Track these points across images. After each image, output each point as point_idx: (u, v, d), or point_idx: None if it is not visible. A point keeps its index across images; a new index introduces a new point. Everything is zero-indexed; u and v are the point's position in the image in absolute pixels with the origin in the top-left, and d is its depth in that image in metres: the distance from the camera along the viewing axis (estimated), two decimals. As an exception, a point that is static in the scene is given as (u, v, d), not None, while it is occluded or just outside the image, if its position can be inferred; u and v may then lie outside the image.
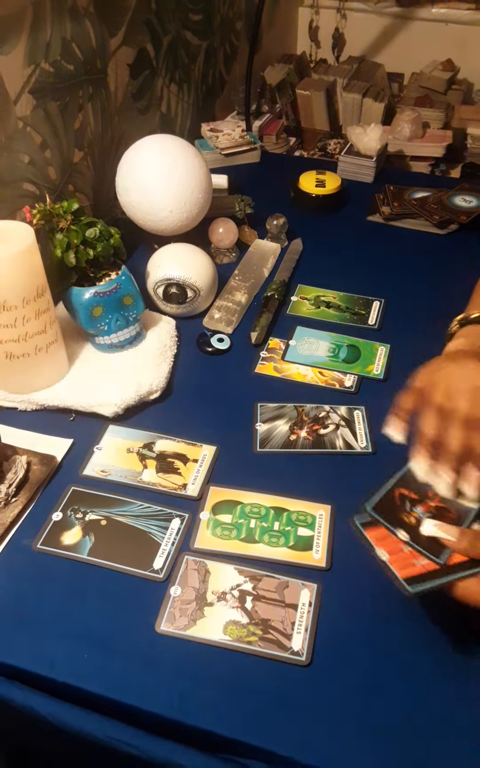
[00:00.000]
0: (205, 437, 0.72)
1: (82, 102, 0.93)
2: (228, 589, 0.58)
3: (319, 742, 0.50)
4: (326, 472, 0.69)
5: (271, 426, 0.74)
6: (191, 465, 0.69)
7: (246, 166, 1.23)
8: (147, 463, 0.69)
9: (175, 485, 0.67)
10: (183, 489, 0.67)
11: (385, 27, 1.62)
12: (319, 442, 0.72)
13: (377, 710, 0.51)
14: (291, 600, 0.58)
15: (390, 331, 0.86)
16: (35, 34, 0.80)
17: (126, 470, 0.69)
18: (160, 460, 0.70)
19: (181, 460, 0.70)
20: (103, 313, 0.76)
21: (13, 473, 0.66)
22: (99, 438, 0.72)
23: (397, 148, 1.33)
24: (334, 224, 1.08)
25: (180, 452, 0.70)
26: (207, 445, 0.71)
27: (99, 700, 0.52)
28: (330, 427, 0.73)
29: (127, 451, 0.71)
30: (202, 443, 0.71)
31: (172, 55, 1.15)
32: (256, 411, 0.75)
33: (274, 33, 1.59)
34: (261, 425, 0.74)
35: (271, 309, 0.87)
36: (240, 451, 0.71)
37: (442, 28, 1.57)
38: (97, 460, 0.70)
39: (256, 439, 0.72)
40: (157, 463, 0.69)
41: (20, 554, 0.61)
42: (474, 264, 0.90)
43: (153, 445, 0.71)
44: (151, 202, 0.86)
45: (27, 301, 0.66)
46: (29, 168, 0.86)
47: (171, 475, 0.68)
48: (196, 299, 0.85)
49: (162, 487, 0.67)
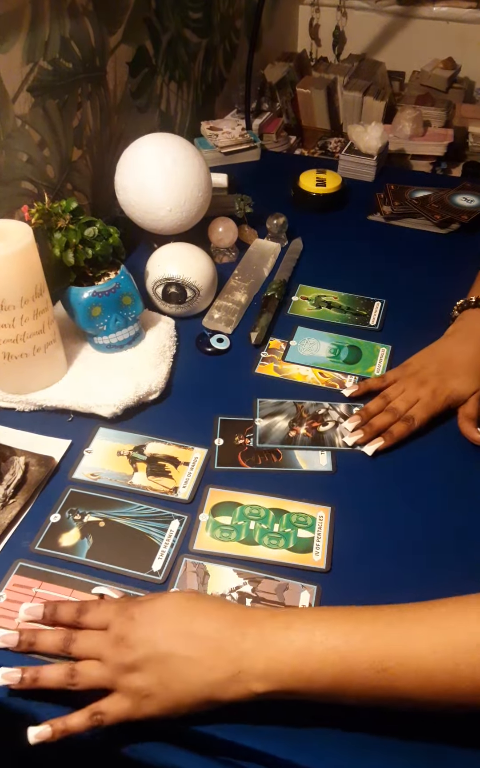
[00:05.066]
0: (204, 438, 0.71)
1: (80, 100, 0.93)
2: (227, 591, 0.58)
3: (319, 745, 0.49)
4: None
5: (270, 422, 0.73)
6: (182, 468, 0.69)
7: (246, 164, 1.23)
8: (137, 466, 0.69)
9: (166, 488, 0.67)
10: (174, 492, 0.66)
11: (386, 25, 1.61)
12: (319, 439, 0.71)
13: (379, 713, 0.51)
14: (291, 602, 0.57)
15: (391, 332, 0.85)
16: (34, 32, 0.80)
17: (116, 473, 0.68)
18: (150, 463, 0.69)
19: (172, 463, 0.69)
20: (101, 312, 0.75)
21: (10, 474, 0.65)
22: (89, 441, 0.71)
23: (398, 146, 1.33)
24: (335, 223, 1.07)
25: (171, 455, 0.70)
26: (198, 448, 0.70)
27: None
28: (329, 425, 0.73)
29: (117, 454, 0.70)
30: (194, 446, 0.71)
31: (171, 53, 1.14)
32: (255, 406, 0.75)
33: (275, 31, 1.58)
34: (260, 421, 0.73)
35: (271, 309, 0.86)
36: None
37: (443, 26, 1.56)
38: (87, 463, 0.69)
39: (256, 434, 0.72)
40: (148, 466, 0.69)
41: (18, 556, 0.61)
42: (475, 264, 0.89)
43: (144, 447, 0.71)
44: (150, 200, 0.86)
45: (25, 300, 0.66)
46: (27, 166, 0.86)
47: (162, 478, 0.68)
48: (196, 299, 0.84)
49: (153, 491, 0.67)
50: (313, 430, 0.72)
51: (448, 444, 0.71)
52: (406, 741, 0.50)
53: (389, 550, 0.61)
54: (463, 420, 0.71)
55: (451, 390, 0.71)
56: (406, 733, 0.50)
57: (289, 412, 0.74)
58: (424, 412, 0.70)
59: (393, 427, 0.70)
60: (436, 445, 0.70)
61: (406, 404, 0.71)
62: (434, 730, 0.50)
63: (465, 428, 0.70)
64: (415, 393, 0.71)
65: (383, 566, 0.60)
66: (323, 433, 0.72)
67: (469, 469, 0.68)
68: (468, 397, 0.72)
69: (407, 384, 0.72)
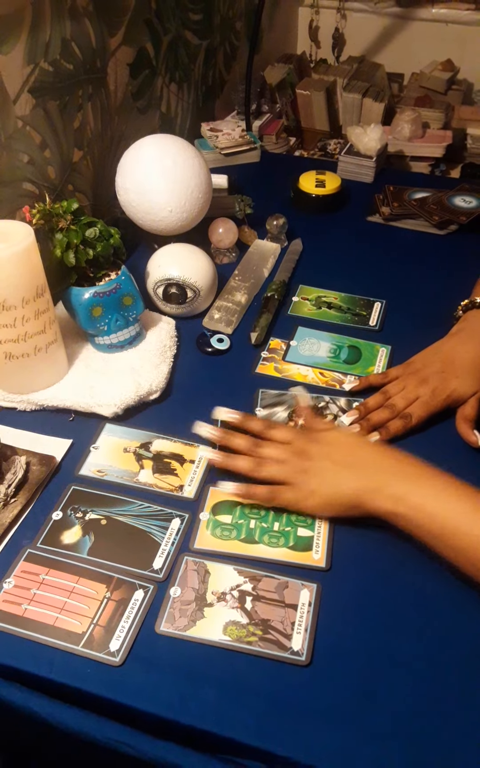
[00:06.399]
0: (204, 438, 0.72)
1: (81, 101, 0.93)
2: (228, 589, 0.58)
3: (319, 743, 0.50)
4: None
5: (270, 412, 0.74)
6: (188, 466, 0.69)
7: (246, 165, 1.23)
8: (143, 464, 0.69)
9: (172, 486, 0.67)
10: (179, 490, 0.67)
11: (385, 27, 1.62)
12: None
13: (377, 710, 0.51)
14: (291, 600, 0.58)
15: (390, 333, 0.86)
16: (35, 34, 0.80)
17: (122, 470, 0.68)
18: (156, 461, 0.69)
19: (178, 461, 0.69)
20: (102, 313, 0.75)
21: (12, 473, 0.65)
22: (96, 437, 0.72)
23: (397, 148, 1.33)
24: (334, 224, 1.08)
25: (177, 453, 0.70)
26: (204, 446, 0.71)
27: (98, 701, 0.52)
28: (328, 417, 0.73)
29: (123, 450, 0.70)
30: (200, 444, 0.71)
31: (172, 54, 1.14)
32: (256, 396, 0.76)
33: (274, 33, 1.59)
34: (260, 410, 0.74)
35: (271, 309, 0.87)
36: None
37: (442, 28, 1.57)
38: (93, 459, 0.70)
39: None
40: (154, 463, 0.69)
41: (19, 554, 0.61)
42: (474, 265, 0.90)
43: (150, 445, 0.71)
44: (150, 201, 0.86)
45: (26, 301, 0.66)
46: (29, 167, 0.86)
47: (167, 476, 0.68)
48: (196, 299, 0.85)
49: (158, 488, 0.67)
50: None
51: (444, 445, 0.71)
52: (406, 741, 0.50)
53: (389, 547, 0.61)
54: (461, 421, 0.71)
55: (452, 390, 0.71)
56: (407, 733, 0.50)
57: (289, 403, 0.75)
58: (422, 410, 0.71)
59: (389, 423, 0.70)
60: (432, 445, 0.70)
61: (405, 402, 0.71)
62: (434, 730, 0.50)
63: (462, 429, 0.71)
64: (415, 391, 0.72)
65: (383, 564, 0.60)
66: None
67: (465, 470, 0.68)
68: (468, 397, 0.72)
69: (408, 381, 0.73)
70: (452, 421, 0.72)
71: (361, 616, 0.57)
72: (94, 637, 0.55)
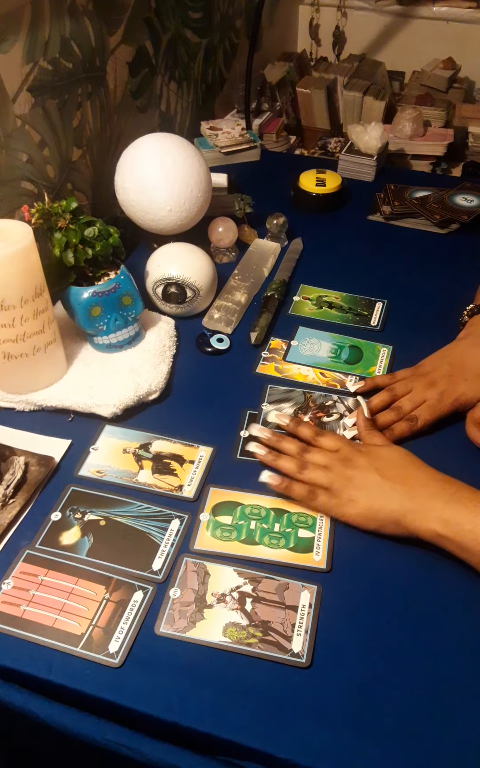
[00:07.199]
0: (204, 438, 0.71)
1: (80, 100, 0.93)
2: (227, 590, 0.58)
3: (319, 745, 0.49)
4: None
5: (276, 408, 0.74)
6: (187, 466, 0.69)
7: (246, 164, 1.23)
8: (143, 464, 0.69)
9: (171, 486, 0.67)
10: (179, 491, 0.66)
11: (386, 25, 1.61)
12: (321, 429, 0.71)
13: (377, 712, 0.51)
14: (291, 602, 0.57)
15: (391, 333, 0.85)
16: (34, 32, 0.80)
17: (122, 471, 0.68)
18: (156, 461, 0.69)
19: (178, 461, 0.69)
20: (101, 312, 0.75)
21: (10, 474, 0.65)
22: (95, 438, 0.71)
23: (398, 146, 1.33)
24: (335, 223, 1.07)
25: (176, 453, 0.70)
26: (204, 447, 0.70)
27: (97, 702, 0.52)
28: (334, 416, 0.73)
29: (123, 451, 0.70)
30: (200, 444, 0.71)
31: (171, 53, 1.14)
32: (264, 392, 0.76)
33: (275, 31, 1.58)
34: (267, 405, 0.74)
35: (271, 309, 0.86)
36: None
37: (443, 26, 1.56)
38: (92, 460, 0.69)
39: (261, 417, 0.73)
40: (154, 464, 0.69)
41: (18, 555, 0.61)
42: (475, 264, 0.89)
43: (149, 445, 0.71)
44: (150, 200, 0.86)
45: (25, 300, 0.66)
46: (27, 166, 0.86)
47: (167, 476, 0.68)
48: (196, 299, 0.84)
49: (158, 489, 0.67)
50: (316, 420, 0.72)
51: (454, 449, 0.70)
52: (407, 743, 0.50)
53: (389, 549, 0.61)
54: (471, 425, 0.70)
55: (460, 393, 0.70)
56: (407, 735, 0.50)
57: (296, 400, 0.75)
58: (429, 413, 0.70)
59: (394, 425, 0.70)
60: (441, 449, 0.70)
61: (412, 404, 0.71)
62: (435, 733, 0.50)
63: (472, 433, 0.70)
64: (422, 394, 0.71)
65: (383, 566, 0.60)
66: (326, 424, 0.72)
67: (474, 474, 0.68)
68: (476, 401, 0.71)
69: (416, 384, 0.72)
70: (461, 425, 0.71)
71: (361, 618, 0.57)
72: (93, 638, 0.55)
